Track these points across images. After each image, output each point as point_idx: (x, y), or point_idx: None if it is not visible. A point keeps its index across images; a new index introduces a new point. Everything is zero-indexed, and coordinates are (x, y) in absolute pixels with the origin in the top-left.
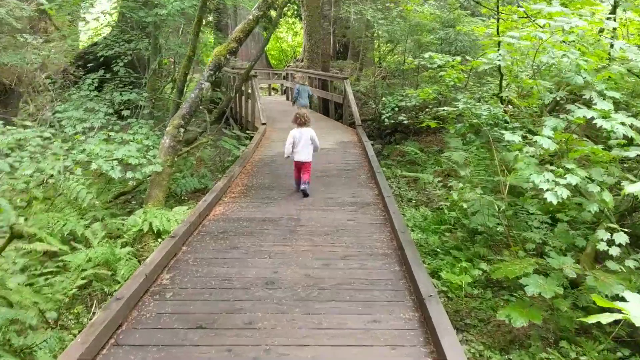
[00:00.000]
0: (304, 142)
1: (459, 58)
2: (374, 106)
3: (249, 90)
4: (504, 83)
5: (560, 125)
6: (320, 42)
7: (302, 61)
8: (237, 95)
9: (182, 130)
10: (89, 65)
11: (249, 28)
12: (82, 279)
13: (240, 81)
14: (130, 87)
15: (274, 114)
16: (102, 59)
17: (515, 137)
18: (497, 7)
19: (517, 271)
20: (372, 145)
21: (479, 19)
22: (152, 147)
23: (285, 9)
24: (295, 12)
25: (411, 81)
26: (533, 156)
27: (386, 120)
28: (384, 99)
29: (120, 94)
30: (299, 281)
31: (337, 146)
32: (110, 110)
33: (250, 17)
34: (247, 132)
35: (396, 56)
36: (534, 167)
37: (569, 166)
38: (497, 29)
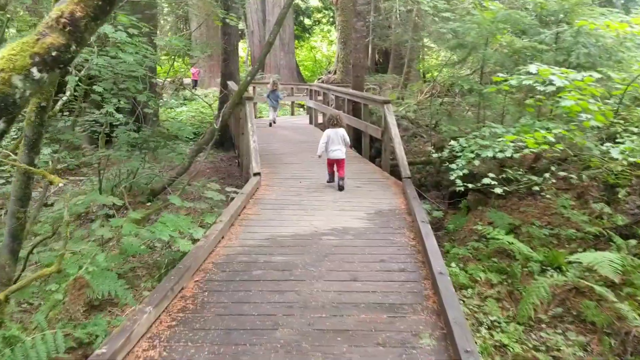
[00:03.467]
0: (338, 141)
1: (594, 74)
2: (425, 139)
3: (248, 119)
4: None
5: None
6: (353, 49)
7: (334, 73)
8: (235, 120)
9: None
10: None
11: None
12: None
13: (230, 106)
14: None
15: (284, 148)
16: None
17: None
18: None
19: None
20: (428, 213)
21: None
22: None
23: (320, 15)
24: (331, 19)
25: (487, 106)
26: None
27: (457, 182)
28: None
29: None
30: None
31: (370, 224)
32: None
33: None
34: (234, 189)
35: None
36: None
37: None
38: None
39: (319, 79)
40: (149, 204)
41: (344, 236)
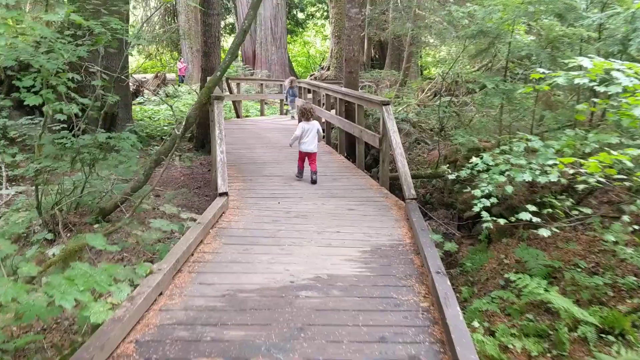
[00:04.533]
0: (312, 134)
1: None
2: (430, 146)
3: (216, 123)
4: None
5: None
6: (346, 41)
7: (327, 69)
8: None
9: None
10: None
11: None
12: None
13: (196, 107)
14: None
15: (267, 155)
16: None
17: None
18: None
19: None
20: (438, 244)
21: None
22: None
23: (314, 8)
24: (326, 13)
25: (513, 110)
26: None
27: (483, 215)
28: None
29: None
30: None
31: (365, 270)
32: None
33: None
34: (190, 215)
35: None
36: None
37: None
38: None
39: (311, 75)
40: (96, 225)
41: (330, 291)
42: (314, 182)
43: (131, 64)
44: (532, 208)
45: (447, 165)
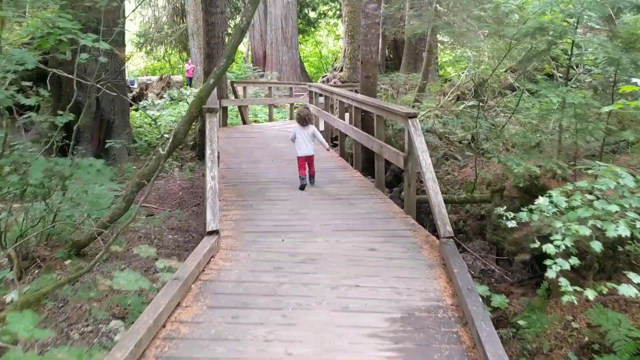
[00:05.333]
0: (306, 138)
1: None
2: (461, 162)
3: (207, 141)
4: None
5: None
6: (362, 41)
7: (340, 70)
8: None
9: None
10: None
11: None
12: None
13: (185, 121)
14: None
15: (273, 171)
16: None
17: None
18: None
19: None
20: (485, 299)
21: None
22: None
23: (326, 7)
24: (338, 12)
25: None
26: None
27: (562, 283)
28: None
29: None
30: None
31: (396, 351)
32: None
33: None
34: (167, 264)
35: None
36: None
37: None
38: None
39: (323, 76)
40: (68, 262)
41: None
42: (312, 183)
43: (139, 66)
44: (636, 277)
45: (492, 193)
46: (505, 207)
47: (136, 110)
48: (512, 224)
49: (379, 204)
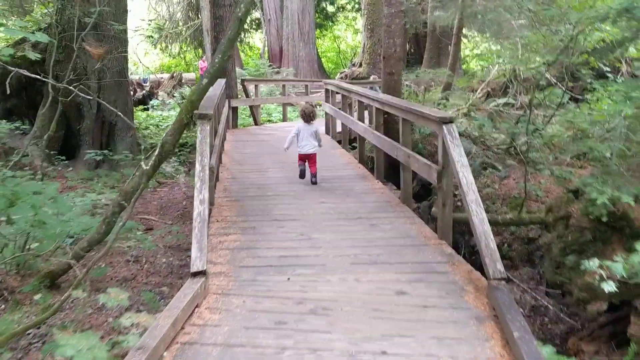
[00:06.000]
0: (308, 135)
1: None
2: (502, 173)
3: (197, 156)
4: None
5: None
6: (385, 33)
7: (359, 66)
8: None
9: None
10: None
11: None
12: None
13: (175, 131)
14: None
15: (283, 182)
16: None
17: None
18: None
19: None
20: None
21: None
22: None
23: (344, 1)
24: (357, 6)
25: None
26: None
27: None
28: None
29: None
30: None
31: None
32: None
33: None
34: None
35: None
36: None
37: None
38: None
39: (341, 72)
40: (37, 297)
41: None
42: (313, 183)
43: (154, 63)
44: None
45: (554, 221)
46: (570, 237)
47: (144, 110)
48: (609, 287)
49: (407, 225)
